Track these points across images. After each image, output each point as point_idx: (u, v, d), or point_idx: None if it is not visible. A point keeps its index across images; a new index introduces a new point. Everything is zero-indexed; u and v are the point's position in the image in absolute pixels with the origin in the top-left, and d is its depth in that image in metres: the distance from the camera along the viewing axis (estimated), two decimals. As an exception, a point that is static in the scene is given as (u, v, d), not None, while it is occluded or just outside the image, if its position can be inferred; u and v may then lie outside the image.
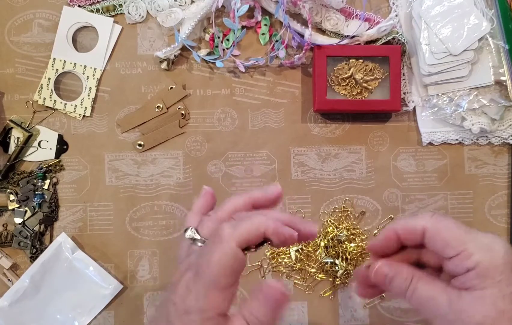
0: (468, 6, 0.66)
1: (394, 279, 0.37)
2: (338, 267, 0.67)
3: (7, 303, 0.65)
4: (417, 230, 0.36)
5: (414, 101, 0.70)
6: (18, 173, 0.68)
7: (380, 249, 0.39)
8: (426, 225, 0.36)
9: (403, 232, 0.37)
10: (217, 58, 0.69)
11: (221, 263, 0.34)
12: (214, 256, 0.34)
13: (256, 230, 0.35)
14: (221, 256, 0.34)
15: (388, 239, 0.38)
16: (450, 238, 0.34)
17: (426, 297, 0.35)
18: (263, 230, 0.35)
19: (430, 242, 0.36)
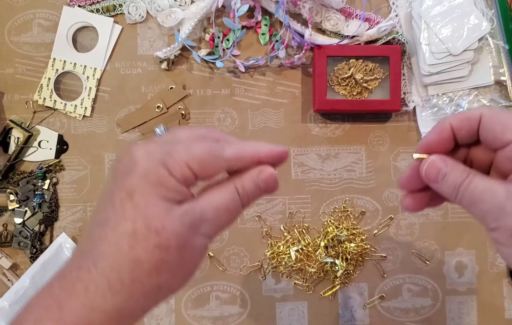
0: (468, 6, 0.66)
1: (449, 174, 0.34)
2: (338, 267, 0.67)
3: (7, 303, 0.65)
4: (474, 116, 0.33)
5: (414, 101, 0.70)
6: (18, 173, 0.68)
7: (433, 144, 0.35)
8: (483, 111, 0.33)
9: (457, 121, 0.34)
10: (217, 58, 0.69)
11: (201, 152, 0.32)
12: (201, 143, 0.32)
13: (251, 154, 0.34)
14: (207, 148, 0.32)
15: (442, 130, 0.35)
16: (509, 121, 0.32)
17: (482, 190, 0.32)
18: (258, 154, 0.34)
19: (487, 128, 0.33)
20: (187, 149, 0.31)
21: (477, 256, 0.70)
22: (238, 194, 0.33)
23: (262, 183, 0.34)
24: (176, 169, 0.30)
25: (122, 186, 0.30)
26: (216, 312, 0.69)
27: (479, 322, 0.69)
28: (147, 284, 0.30)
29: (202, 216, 0.31)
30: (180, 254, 0.30)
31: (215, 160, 0.32)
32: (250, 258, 0.69)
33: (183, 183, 0.31)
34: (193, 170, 0.31)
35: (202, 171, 0.31)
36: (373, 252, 0.69)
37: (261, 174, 0.34)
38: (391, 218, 0.70)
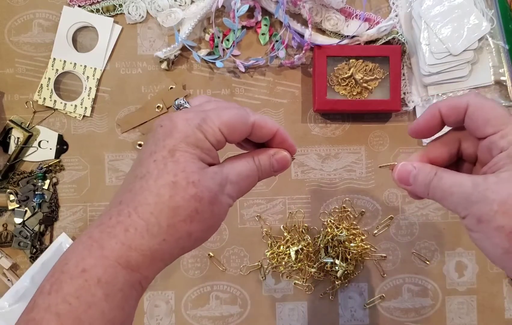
0: (468, 6, 0.66)
1: (418, 175, 0.37)
2: (338, 267, 0.67)
3: (7, 303, 0.65)
4: (461, 105, 0.36)
5: (414, 101, 0.70)
6: (18, 173, 0.68)
7: (423, 127, 0.38)
8: (470, 100, 0.35)
9: (446, 109, 0.37)
10: (217, 58, 0.69)
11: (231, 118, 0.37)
12: (231, 109, 0.37)
13: (271, 125, 0.39)
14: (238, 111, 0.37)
15: (431, 115, 0.37)
16: (492, 115, 0.34)
17: (451, 184, 0.35)
18: (277, 128, 0.39)
19: (471, 117, 0.35)
20: (219, 115, 0.36)
21: (477, 256, 0.70)
22: (256, 165, 0.38)
23: (275, 162, 0.39)
24: (210, 133, 0.35)
25: (164, 146, 0.34)
26: (216, 312, 0.69)
27: (479, 322, 0.69)
28: (181, 230, 0.33)
29: (228, 178, 0.36)
30: (211, 206, 0.34)
31: (242, 124, 0.37)
32: (250, 258, 0.69)
33: (216, 145, 0.36)
34: (224, 133, 0.36)
35: (231, 134, 0.36)
36: (373, 252, 0.69)
37: (276, 154, 0.39)
38: (391, 218, 0.70)
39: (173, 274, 0.69)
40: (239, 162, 0.38)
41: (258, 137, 0.39)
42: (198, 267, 0.69)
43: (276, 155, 0.39)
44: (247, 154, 0.39)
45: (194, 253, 0.69)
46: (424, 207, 0.70)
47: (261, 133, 0.38)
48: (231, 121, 0.36)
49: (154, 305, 0.69)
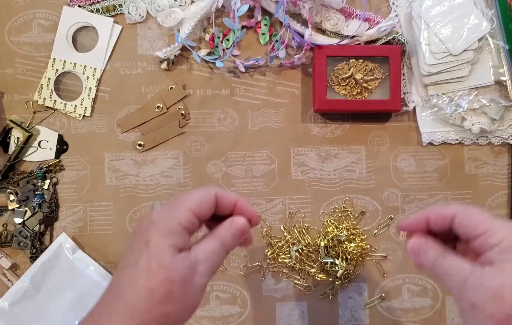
0: (468, 6, 0.66)
1: (428, 251, 0.41)
2: (338, 267, 0.67)
3: (7, 303, 0.65)
4: (447, 214, 0.40)
5: (414, 101, 0.70)
6: (18, 173, 0.68)
7: (410, 229, 0.43)
8: (456, 210, 0.40)
9: (433, 217, 0.41)
10: (217, 58, 0.69)
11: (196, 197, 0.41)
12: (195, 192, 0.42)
13: (232, 196, 0.43)
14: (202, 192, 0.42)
15: (419, 222, 0.42)
16: (480, 219, 0.39)
17: (453, 266, 0.39)
18: (237, 199, 0.43)
19: (460, 223, 0.39)
20: (187, 199, 0.41)
21: (477, 256, 0.70)
22: (219, 240, 0.41)
23: (234, 230, 0.42)
24: (182, 217, 0.39)
25: (141, 239, 0.39)
26: (216, 312, 0.69)
27: (479, 322, 0.69)
28: (159, 311, 0.36)
29: (198, 259, 0.39)
30: (183, 287, 0.38)
31: (207, 198, 0.41)
32: (250, 258, 0.69)
33: (189, 228, 0.40)
34: (195, 212, 0.40)
35: (201, 211, 0.40)
36: (373, 252, 0.69)
37: (233, 223, 0.42)
38: (391, 218, 0.70)
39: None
40: (204, 242, 0.41)
41: (223, 209, 0.43)
42: (198, 267, 0.69)
43: (232, 225, 0.42)
44: (210, 233, 0.42)
45: (194, 253, 0.69)
46: (424, 206, 0.70)
47: (224, 204, 0.42)
48: (197, 199, 0.40)
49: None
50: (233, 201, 0.43)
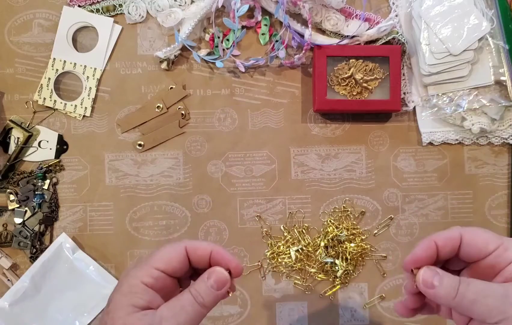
0: (468, 6, 0.66)
1: (443, 278, 0.37)
2: (338, 267, 0.67)
3: (7, 303, 0.65)
4: (454, 237, 0.39)
5: (414, 101, 0.70)
6: (18, 173, 0.68)
7: (420, 259, 0.39)
8: (461, 231, 0.39)
9: (442, 241, 0.39)
10: (217, 58, 0.69)
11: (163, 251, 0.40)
12: (164, 247, 0.41)
13: (205, 245, 0.40)
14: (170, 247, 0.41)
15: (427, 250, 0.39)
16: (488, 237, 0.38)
17: (483, 288, 0.36)
18: (211, 248, 0.40)
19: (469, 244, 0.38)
20: (152, 255, 0.39)
21: (477, 256, 0.70)
22: (192, 295, 0.39)
23: (214, 283, 0.39)
24: (145, 274, 0.38)
25: (108, 301, 0.39)
26: (216, 312, 0.69)
27: (479, 322, 0.69)
28: None
29: (162, 316, 0.37)
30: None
31: (176, 252, 0.39)
32: (250, 258, 0.69)
33: (153, 285, 0.38)
34: (160, 268, 0.38)
35: (169, 265, 0.39)
36: (373, 252, 0.69)
37: (211, 274, 0.40)
38: (391, 218, 0.70)
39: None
40: (175, 298, 0.39)
41: (198, 262, 0.40)
42: (198, 267, 0.69)
43: (211, 277, 0.39)
44: (185, 290, 0.40)
45: (194, 253, 0.69)
46: (424, 207, 0.70)
47: (198, 256, 0.40)
48: (164, 254, 0.39)
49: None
50: (208, 251, 0.40)
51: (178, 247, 0.40)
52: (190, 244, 0.40)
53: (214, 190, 0.69)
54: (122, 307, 0.37)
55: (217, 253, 0.40)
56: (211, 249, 0.40)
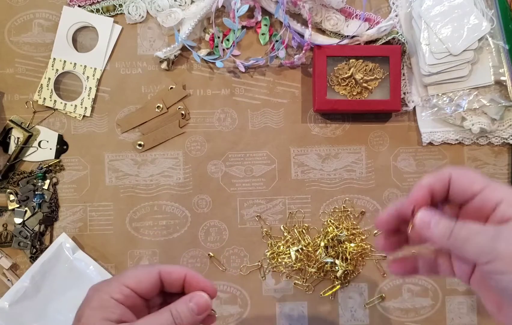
0: (468, 6, 0.66)
1: (439, 222, 0.37)
2: (338, 267, 0.67)
3: (7, 303, 0.65)
4: (445, 177, 0.39)
5: (414, 101, 0.70)
6: (18, 173, 0.68)
7: (417, 202, 0.39)
8: (451, 171, 0.39)
9: (433, 180, 0.39)
10: (217, 58, 0.69)
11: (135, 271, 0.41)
12: (136, 267, 0.43)
13: (180, 270, 0.41)
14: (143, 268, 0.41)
15: (423, 192, 0.39)
16: (473, 176, 0.38)
17: (473, 230, 0.36)
18: (185, 272, 0.41)
19: (457, 182, 0.38)
20: (124, 274, 0.40)
21: (477, 256, 0.70)
22: (172, 315, 0.39)
23: (195, 306, 0.40)
24: (115, 291, 0.39)
25: (76, 316, 0.39)
26: (216, 312, 0.69)
27: (479, 322, 0.69)
28: None
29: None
30: None
31: (147, 273, 0.40)
32: (250, 258, 0.69)
33: (124, 301, 0.39)
34: (130, 287, 0.39)
35: (139, 285, 0.39)
36: (373, 252, 0.69)
37: (193, 297, 0.40)
38: (391, 218, 0.70)
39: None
40: (153, 314, 0.39)
41: (172, 286, 0.41)
42: (198, 266, 0.69)
43: (193, 299, 0.40)
44: (165, 307, 0.40)
45: (194, 253, 0.69)
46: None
47: (172, 279, 0.41)
48: (135, 274, 0.40)
49: None
50: (182, 275, 0.41)
51: (152, 269, 0.40)
52: (164, 269, 0.41)
53: (214, 190, 0.70)
54: (95, 321, 0.37)
55: (191, 277, 0.41)
56: (185, 273, 0.41)
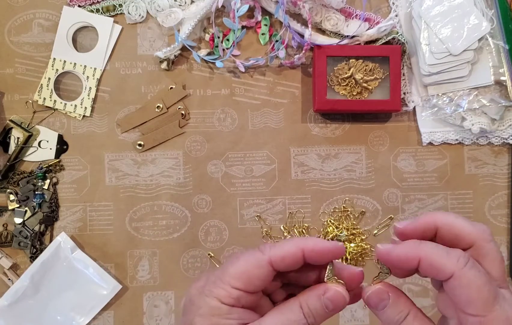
0: (468, 6, 0.66)
1: (389, 307, 0.33)
2: (338, 267, 0.67)
3: (7, 303, 0.65)
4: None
5: (414, 101, 0.70)
6: (18, 173, 0.68)
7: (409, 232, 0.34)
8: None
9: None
10: (217, 58, 0.69)
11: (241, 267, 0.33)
12: (240, 259, 0.33)
13: (294, 249, 0.33)
14: (248, 259, 0.33)
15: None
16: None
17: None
18: (302, 247, 0.33)
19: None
20: (227, 272, 0.32)
21: (477, 256, 0.70)
22: (303, 312, 0.33)
23: (329, 301, 0.33)
24: (224, 295, 0.32)
25: (185, 322, 0.33)
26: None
27: (479, 322, 0.69)
28: None
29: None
30: None
31: (257, 267, 0.32)
32: (250, 258, 0.69)
33: (236, 304, 0.32)
34: (239, 288, 0.32)
35: (248, 284, 0.32)
36: (373, 252, 0.69)
37: (328, 291, 0.33)
38: (391, 218, 0.70)
39: (172, 274, 0.69)
40: (280, 313, 0.33)
41: (288, 269, 0.34)
42: (198, 266, 0.69)
43: (328, 294, 0.33)
44: (292, 300, 0.33)
45: (194, 253, 0.69)
46: (424, 207, 0.70)
47: (288, 265, 0.33)
48: (240, 271, 0.32)
49: (153, 305, 0.69)
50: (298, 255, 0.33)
51: (258, 261, 0.32)
52: (274, 255, 0.32)
53: (214, 190, 0.70)
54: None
55: (312, 251, 0.33)
56: (302, 247, 0.33)
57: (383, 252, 0.34)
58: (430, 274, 0.32)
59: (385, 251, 0.34)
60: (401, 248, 0.33)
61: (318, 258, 0.33)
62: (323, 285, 0.34)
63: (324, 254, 0.33)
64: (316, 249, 0.33)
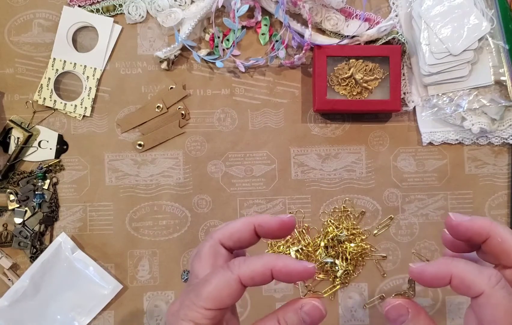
0: (468, 6, 0.66)
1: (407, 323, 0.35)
2: (338, 267, 0.67)
3: (7, 303, 0.65)
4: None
5: (414, 101, 0.70)
6: (18, 173, 0.68)
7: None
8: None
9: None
10: (217, 58, 0.69)
11: (212, 288, 0.33)
12: (211, 280, 0.33)
13: (262, 269, 0.33)
14: (219, 279, 0.33)
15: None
16: (501, 317, 0.30)
17: None
18: (271, 267, 0.33)
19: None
20: (199, 294, 0.33)
21: (477, 256, 0.70)
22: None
23: (306, 315, 0.34)
24: (198, 316, 0.32)
25: None
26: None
27: (479, 322, 0.69)
28: None
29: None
30: None
31: (227, 287, 0.33)
32: (250, 258, 0.69)
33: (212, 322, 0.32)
34: (212, 308, 0.32)
35: (220, 302, 0.32)
36: (373, 252, 0.69)
37: (305, 305, 0.34)
38: (391, 218, 0.70)
39: (173, 274, 0.69)
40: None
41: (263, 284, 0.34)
42: (198, 267, 0.69)
43: (305, 308, 0.34)
44: (270, 315, 0.34)
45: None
46: (424, 207, 0.70)
47: (257, 282, 0.34)
48: (212, 293, 0.32)
49: (154, 305, 0.69)
50: (267, 275, 0.34)
51: (230, 280, 0.33)
52: (243, 274, 0.33)
53: (214, 190, 0.70)
54: None
55: (280, 272, 0.34)
56: (271, 267, 0.33)
57: (416, 271, 0.34)
58: (461, 291, 0.32)
59: (418, 270, 0.33)
60: (433, 266, 0.33)
61: (286, 278, 0.34)
62: (301, 300, 0.35)
63: (292, 276, 0.34)
64: (284, 270, 0.33)
